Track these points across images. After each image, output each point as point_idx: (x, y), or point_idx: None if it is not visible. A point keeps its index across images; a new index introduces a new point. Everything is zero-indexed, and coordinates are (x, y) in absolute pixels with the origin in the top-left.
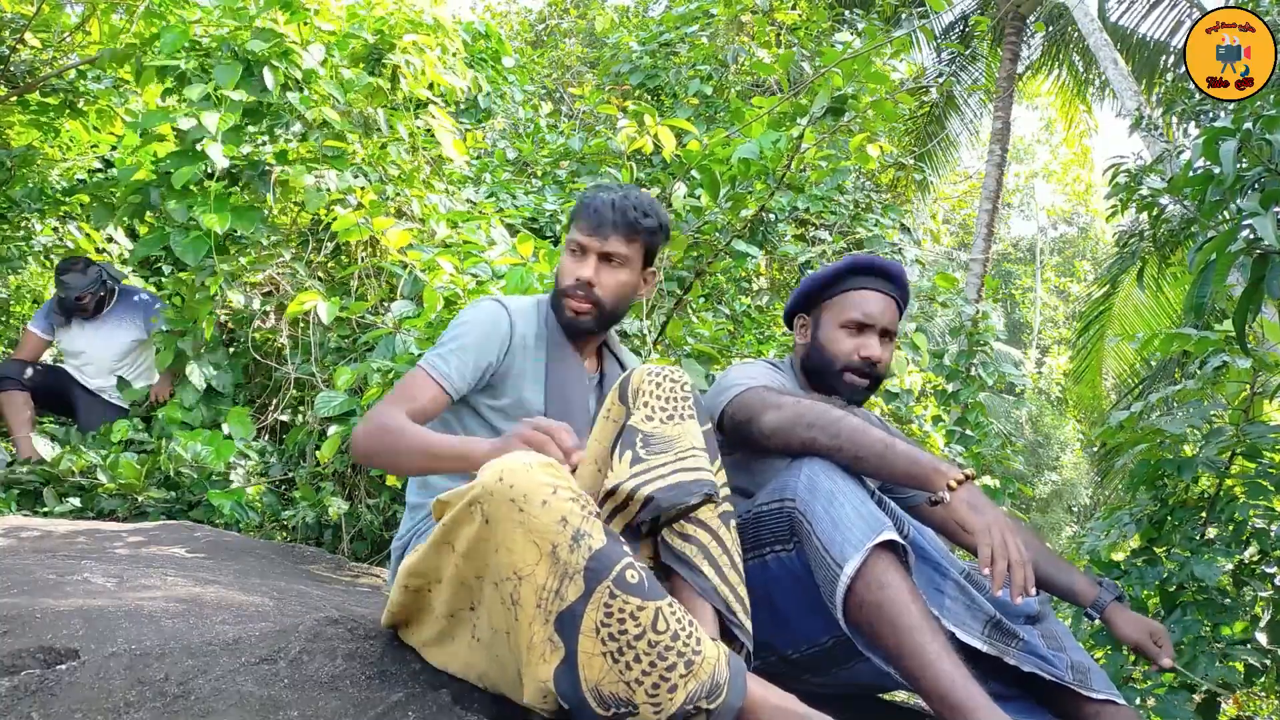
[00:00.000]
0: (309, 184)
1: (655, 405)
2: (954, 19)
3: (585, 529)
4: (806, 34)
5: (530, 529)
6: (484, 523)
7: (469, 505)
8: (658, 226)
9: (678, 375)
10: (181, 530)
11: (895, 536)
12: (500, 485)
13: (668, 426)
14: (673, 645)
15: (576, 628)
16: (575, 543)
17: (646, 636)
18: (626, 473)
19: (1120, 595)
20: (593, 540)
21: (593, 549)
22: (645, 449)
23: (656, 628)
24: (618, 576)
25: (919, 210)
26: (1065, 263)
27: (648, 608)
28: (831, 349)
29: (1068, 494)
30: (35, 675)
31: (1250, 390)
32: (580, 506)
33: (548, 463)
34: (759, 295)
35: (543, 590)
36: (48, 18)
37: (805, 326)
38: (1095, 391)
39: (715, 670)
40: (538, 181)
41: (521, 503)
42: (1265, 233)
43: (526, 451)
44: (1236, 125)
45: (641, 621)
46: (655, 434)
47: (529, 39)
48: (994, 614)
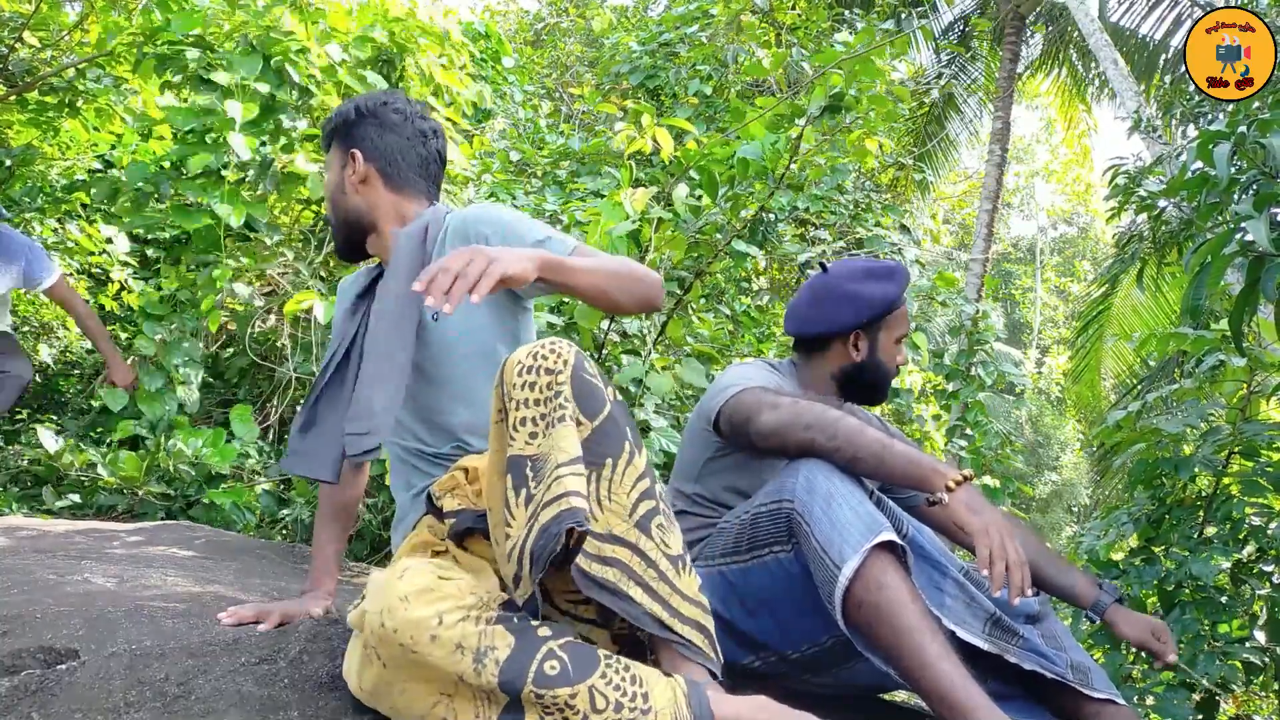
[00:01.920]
0: (313, 171)
1: (533, 415)
2: (954, 19)
3: (484, 645)
4: (806, 34)
5: (428, 667)
6: (383, 667)
7: (365, 650)
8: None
9: (553, 362)
10: (181, 530)
11: (893, 537)
12: (385, 631)
13: (547, 439)
14: (618, 717)
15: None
16: (479, 664)
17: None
18: (524, 519)
19: (1120, 597)
20: (497, 652)
21: (500, 661)
22: (535, 478)
23: (595, 707)
24: (536, 675)
25: (919, 210)
26: (1065, 263)
27: (580, 691)
28: (890, 363)
29: (1068, 494)
30: (35, 675)
31: (1247, 389)
32: (474, 623)
33: (423, 589)
34: (759, 295)
35: (475, 703)
36: (46, 16)
37: (860, 343)
38: (1094, 391)
39: (675, 718)
40: (538, 181)
41: (410, 644)
42: (1258, 236)
43: (401, 573)
44: (1231, 129)
45: (578, 707)
46: (537, 455)
47: (528, 39)
48: (994, 611)
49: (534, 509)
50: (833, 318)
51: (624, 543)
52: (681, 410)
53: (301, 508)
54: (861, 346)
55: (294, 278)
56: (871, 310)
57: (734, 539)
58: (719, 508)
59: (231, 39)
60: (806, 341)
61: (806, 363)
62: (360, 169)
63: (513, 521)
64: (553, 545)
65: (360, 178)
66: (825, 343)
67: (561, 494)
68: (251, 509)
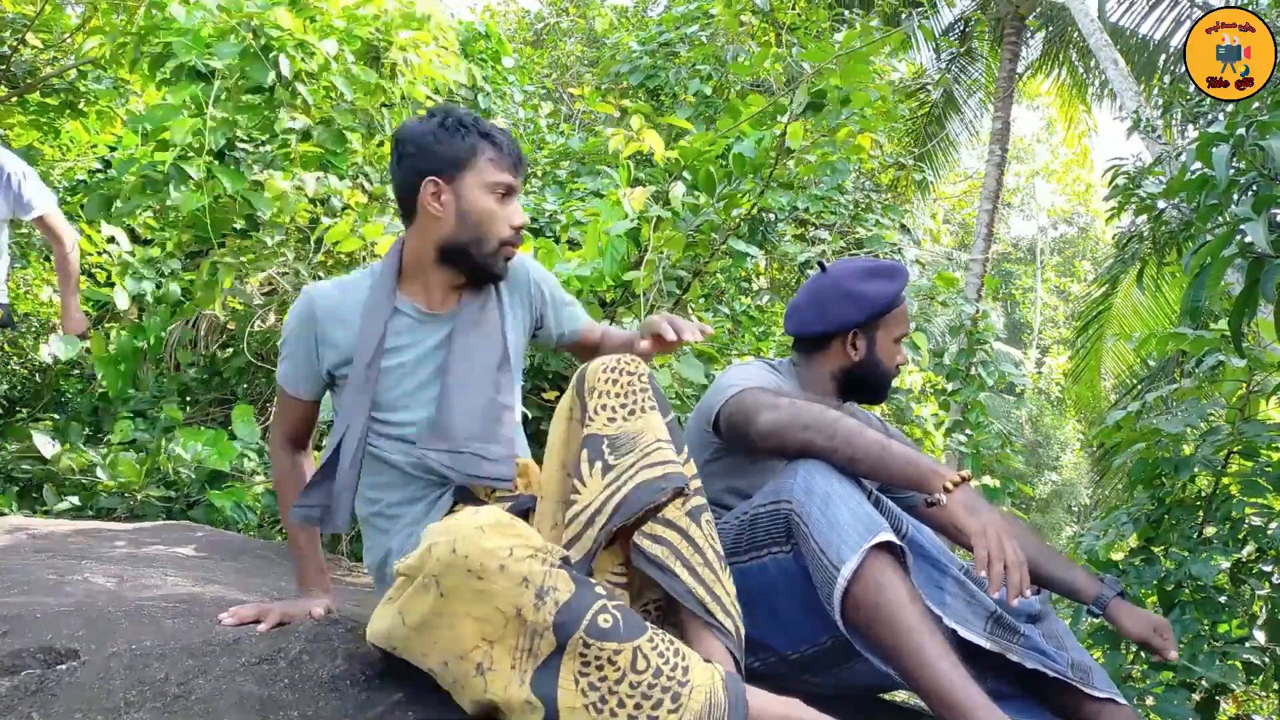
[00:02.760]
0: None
1: (614, 404)
2: (954, 19)
3: (549, 584)
4: (806, 34)
5: (491, 595)
6: (439, 597)
7: (424, 582)
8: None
9: (634, 366)
10: (181, 530)
11: (892, 538)
12: (454, 557)
13: (629, 423)
14: (655, 682)
15: (554, 683)
16: (540, 600)
17: (627, 679)
18: (600, 486)
19: (1122, 591)
20: (559, 594)
21: (560, 603)
22: (613, 453)
23: (636, 668)
24: (589, 625)
25: (919, 210)
26: (1065, 263)
27: (625, 649)
28: (889, 363)
29: (1068, 494)
30: (35, 675)
31: (1247, 389)
32: (540, 562)
33: (499, 522)
34: (758, 295)
35: (515, 651)
36: (49, 18)
37: (858, 342)
38: (1094, 391)
39: (710, 698)
40: (538, 181)
41: (478, 570)
42: (1256, 237)
43: (477, 510)
44: (1230, 130)
45: (620, 665)
46: (619, 435)
47: (528, 39)
48: (995, 609)
49: (619, 475)
50: (831, 317)
51: (675, 527)
52: (682, 409)
53: None
54: (860, 345)
55: (294, 278)
56: (870, 309)
57: (733, 540)
58: (718, 509)
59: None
60: (806, 341)
61: (806, 362)
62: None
63: (582, 490)
64: (654, 499)
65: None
66: (824, 342)
67: (664, 460)
68: (252, 509)
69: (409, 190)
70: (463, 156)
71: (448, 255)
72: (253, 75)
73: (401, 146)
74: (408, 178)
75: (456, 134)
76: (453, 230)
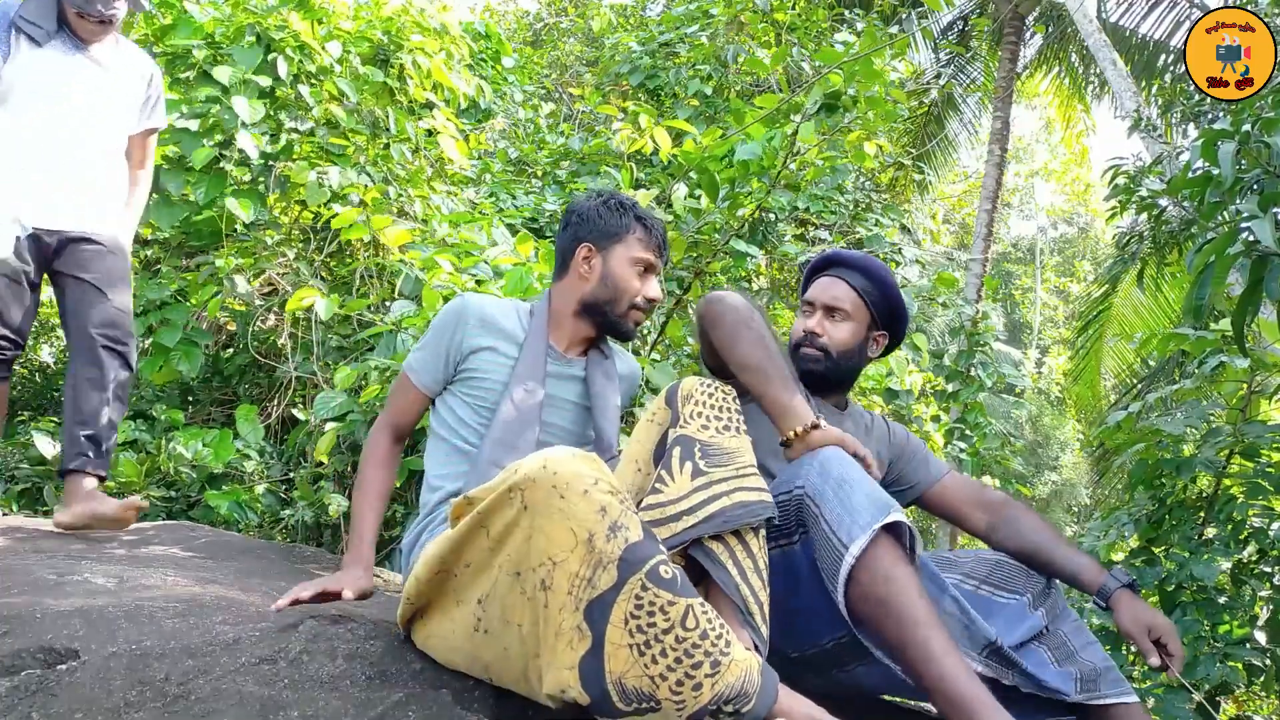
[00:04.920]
0: (311, 179)
1: (710, 415)
2: (953, 19)
3: (623, 521)
4: (805, 33)
5: (569, 515)
6: (522, 508)
7: (509, 491)
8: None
9: (728, 389)
10: (181, 530)
11: (901, 518)
12: (544, 473)
13: (724, 438)
14: (700, 644)
15: (606, 617)
16: (612, 533)
17: (674, 632)
18: (689, 485)
19: (1131, 583)
20: (629, 533)
21: (629, 540)
22: (705, 460)
23: (685, 624)
24: (651, 570)
25: (918, 210)
26: (1065, 263)
27: (678, 603)
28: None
29: (1068, 494)
30: (35, 675)
31: (1248, 389)
32: (619, 501)
33: (590, 456)
34: (759, 295)
35: (575, 577)
36: None
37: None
38: (1094, 392)
39: (745, 676)
40: (538, 182)
41: (563, 489)
42: (1263, 235)
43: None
44: (1235, 127)
45: (671, 616)
46: (713, 445)
47: (528, 39)
48: (994, 638)
49: (712, 484)
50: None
51: (736, 534)
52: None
53: (303, 509)
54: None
55: (294, 277)
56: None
57: None
58: None
59: (241, 35)
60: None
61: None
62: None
63: (670, 483)
64: (750, 521)
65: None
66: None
67: (759, 487)
68: (253, 508)
69: (568, 251)
70: (616, 231)
71: (586, 309)
72: (262, 75)
73: (569, 215)
74: (568, 241)
75: (616, 212)
76: (594, 289)
